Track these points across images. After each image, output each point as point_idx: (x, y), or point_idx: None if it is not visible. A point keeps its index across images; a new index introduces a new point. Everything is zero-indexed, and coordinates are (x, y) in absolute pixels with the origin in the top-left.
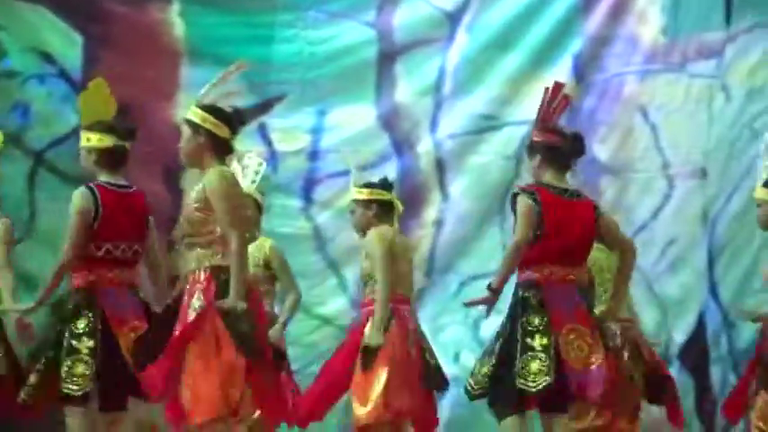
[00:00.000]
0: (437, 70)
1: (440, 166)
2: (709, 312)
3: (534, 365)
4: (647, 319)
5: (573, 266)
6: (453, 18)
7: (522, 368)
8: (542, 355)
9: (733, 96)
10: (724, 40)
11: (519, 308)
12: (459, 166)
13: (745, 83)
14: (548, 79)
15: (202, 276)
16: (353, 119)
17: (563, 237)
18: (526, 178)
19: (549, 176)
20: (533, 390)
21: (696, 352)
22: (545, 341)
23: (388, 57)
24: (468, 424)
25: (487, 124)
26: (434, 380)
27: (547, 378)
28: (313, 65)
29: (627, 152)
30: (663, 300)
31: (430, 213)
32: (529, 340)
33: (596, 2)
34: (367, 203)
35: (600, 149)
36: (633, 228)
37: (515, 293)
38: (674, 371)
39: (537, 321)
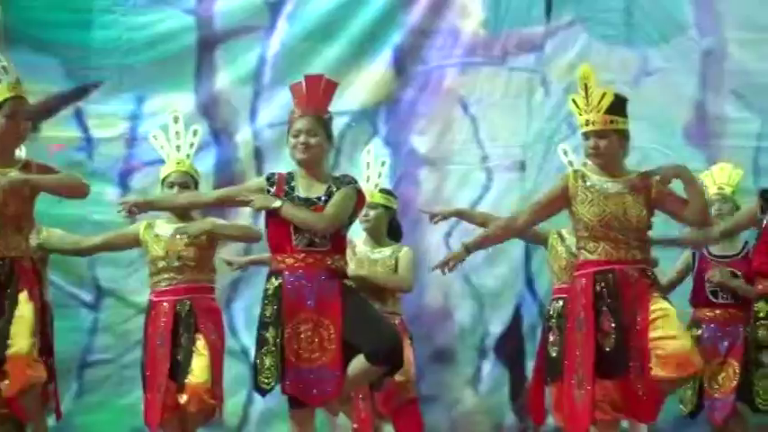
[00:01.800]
0: (257, 59)
1: (258, 156)
2: (526, 305)
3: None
4: (465, 310)
5: None
6: (274, 7)
7: None
8: None
9: (552, 91)
10: (544, 35)
11: None
12: (277, 156)
13: (564, 78)
14: (368, 70)
15: None
16: (172, 106)
17: None
18: (345, 167)
19: None
20: None
21: (512, 344)
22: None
23: (208, 44)
24: None
25: None
26: None
27: None
28: (132, 51)
29: (446, 144)
30: (480, 292)
31: None
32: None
33: None
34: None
35: (419, 141)
36: (451, 220)
37: None
38: (489, 363)
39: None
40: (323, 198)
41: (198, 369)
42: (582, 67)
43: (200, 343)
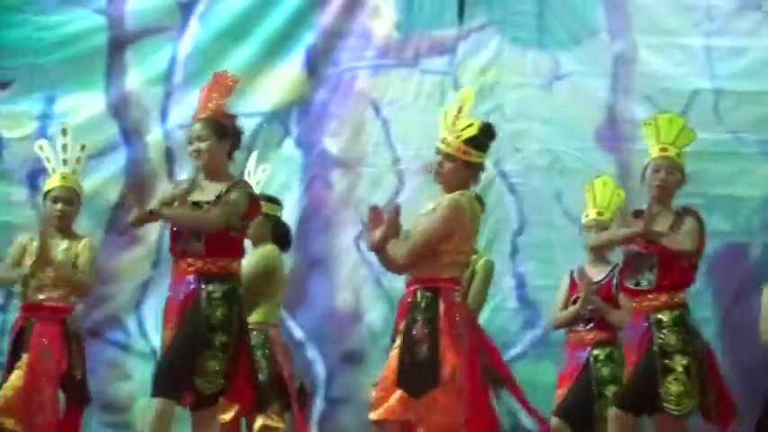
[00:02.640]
0: (168, 59)
1: (169, 156)
2: None
3: None
4: (376, 313)
5: None
6: (186, 7)
7: None
8: None
9: None
10: (456, 38)
11: None
12: (188, 157)
13: (476, 80)
14: (280, 71)
15: None
16: (82, 106)
17: None
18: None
19: None
20: None
21: None
22: None
23: (119, 44)
24: None
25: None
26: None
27: None
28: (42, 50)
29: (358, 146)
30: (391, 294)
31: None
32: None
33: None
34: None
35: (331, 143)
36: (363, 223)
37: None
38: None
39: None
40: (212, 201)
41: None
42: (465, 90)
43: None
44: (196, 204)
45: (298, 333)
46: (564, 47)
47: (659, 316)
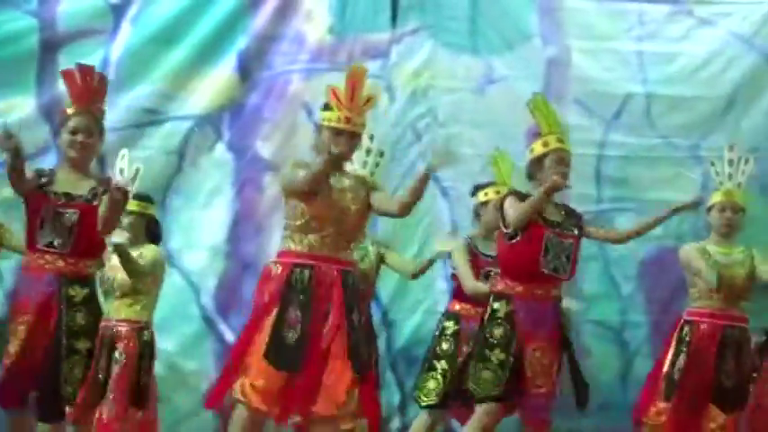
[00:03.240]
0: (100, 62)
1: (101, 160)
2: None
3: None
4: None
5: None
6: (118, 9)
7: None
8: None
9: (396, 97)
10: (389, 42)
11: None
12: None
13: (408, 84)
14: (213, 75)
15: None
16: (13, 109)
17: None
18: (189, 172)
19: None
20: None
21: None
22: None
23: (50, 47)
24: None
25: (150, 118)
26: None
27: None
28: None
29: (291, 150)
30: None
31: None
32: None
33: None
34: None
35: (264, 147)
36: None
37: None
38: None
39: None
40: (85, 197)
41: None
42: (355, 66)
43: None
44: (67, 196)
45: (229, 336)
46: (497, 52)
47: None
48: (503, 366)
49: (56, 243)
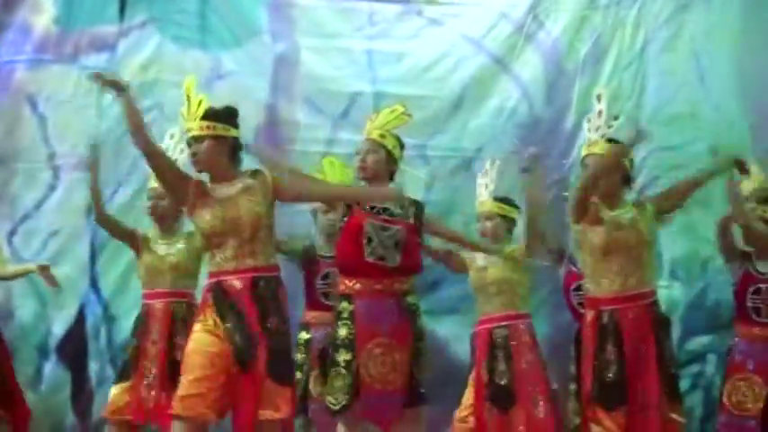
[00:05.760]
0: None
1: None
2: (90, 305)
3: None
4: (27, 310)
5: None
6: None
7: None
8: None
9: None
10: (117, 34)
11: None
12: None
13: (136, 78)
14: None
15: None
16: None
17: None
18: None
19: None
20: None
21: (74, 345)
22: None
23: None
24: None
25: None
26: None
27: None
28: None
29: (14, 142)
30: (42, 291)
31: None
32: None
33: None
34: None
35: None
36: (16, 218)
37: None
38: (51, 364)
39: None
40: None
41: None
42: (188, 80)
43: None
44: None
45: None
46: (225, 47)
47: None
48: (348, 367)
49: None
